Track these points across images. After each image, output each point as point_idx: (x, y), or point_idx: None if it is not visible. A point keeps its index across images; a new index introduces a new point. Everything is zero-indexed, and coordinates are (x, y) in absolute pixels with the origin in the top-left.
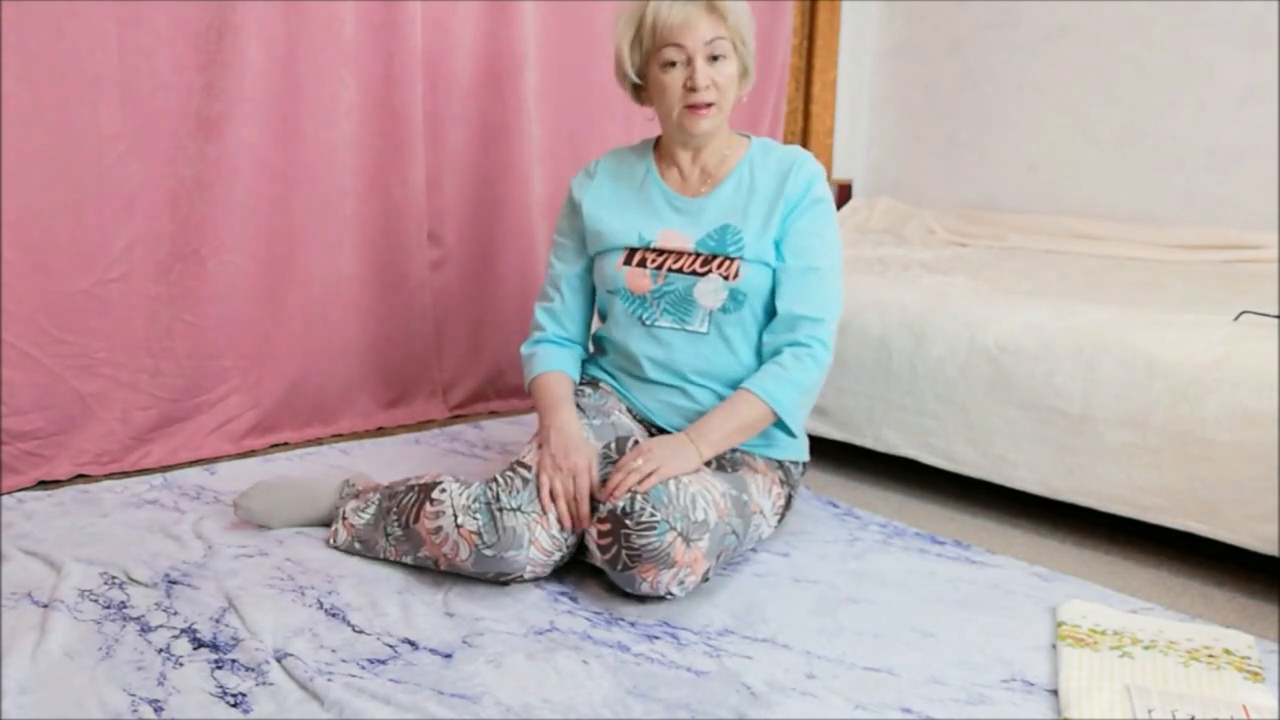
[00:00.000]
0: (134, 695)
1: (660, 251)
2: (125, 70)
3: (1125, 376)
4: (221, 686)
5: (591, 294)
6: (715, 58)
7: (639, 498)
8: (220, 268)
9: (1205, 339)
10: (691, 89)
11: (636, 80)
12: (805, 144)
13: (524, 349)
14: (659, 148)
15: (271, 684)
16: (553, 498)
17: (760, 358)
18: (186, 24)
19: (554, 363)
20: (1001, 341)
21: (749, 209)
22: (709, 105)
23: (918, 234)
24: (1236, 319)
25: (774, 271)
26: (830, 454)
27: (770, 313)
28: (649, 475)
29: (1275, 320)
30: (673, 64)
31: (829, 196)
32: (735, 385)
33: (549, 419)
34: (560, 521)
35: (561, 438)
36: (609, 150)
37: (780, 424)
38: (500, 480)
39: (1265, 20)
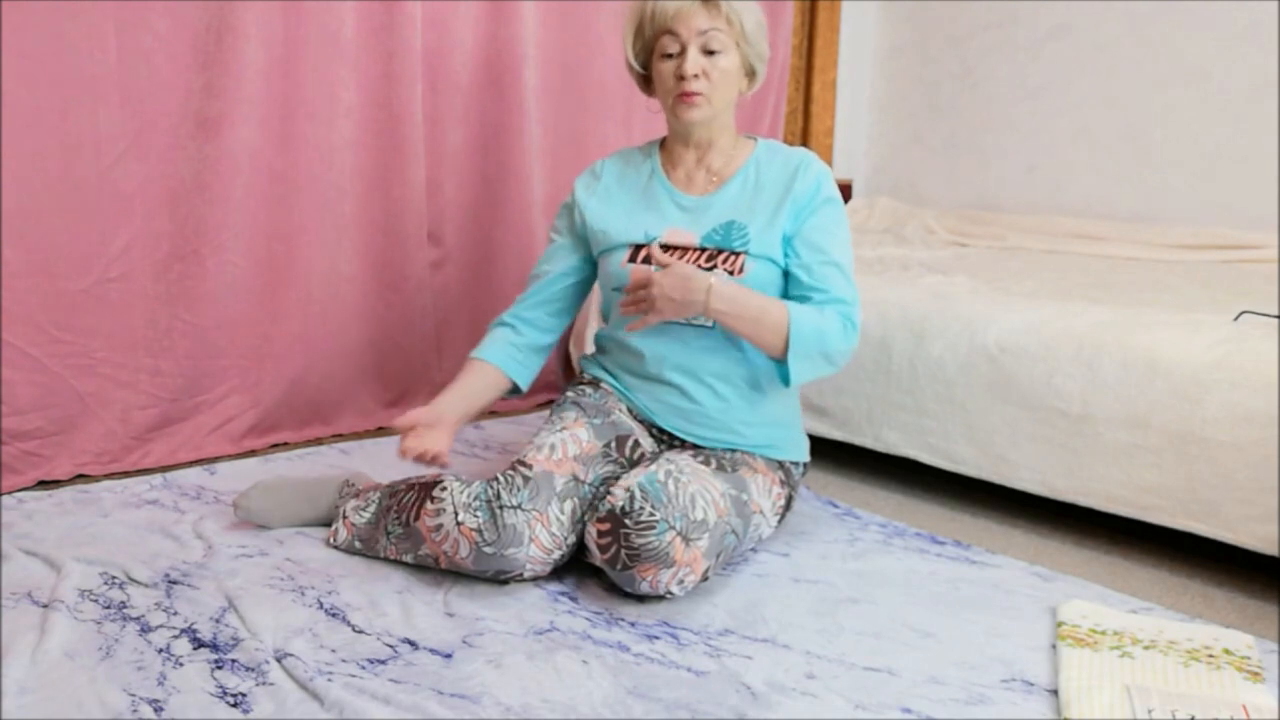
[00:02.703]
0: (134, 695)
1: (665, 248)
2: (124, 70)
3: (1125, 376)
4: (221, 686)
5: (569, 294)
6: (712, 51)
7: (638, 496)
8: (220, 267)
9: (1205, 339)
10: (680, 77)
11: (641, 70)
12: (805, 144)
13: (492, 323)
14: (664, 148)
15: (271, 684)
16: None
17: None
18: (185, 24)
19: (490, 352)
20: (1001, 341)
21: (755, 205)
22: (697, 94)
23: (918, 234)
24: (1236, 319)
25: (781, 270)
26: (830, 454)
27: None
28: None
29: (1275, 320)
30: (669, 54)
31: (839, 197)
32: (739, 382)
33: (442, 395)
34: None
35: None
36: (615, 151)
37: (780, 366)
38: (501, 479)
39: (1265, 20)
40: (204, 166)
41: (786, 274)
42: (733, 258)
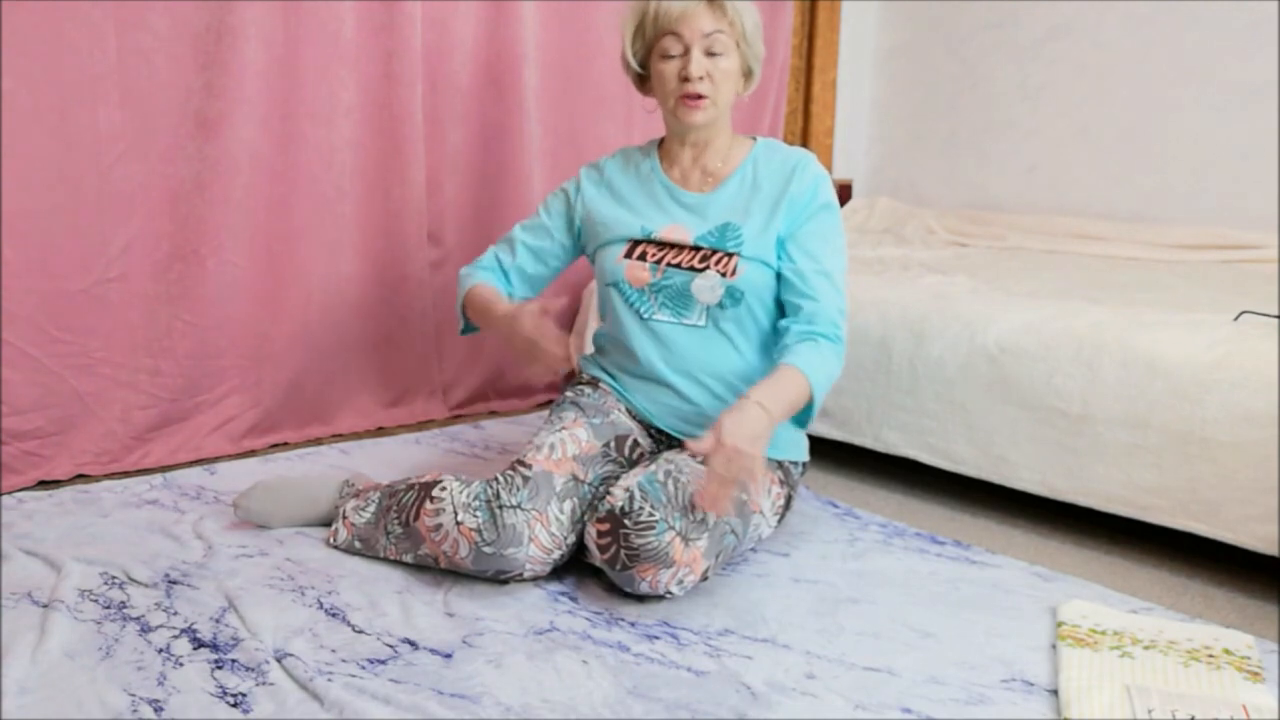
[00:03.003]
0: (134, 695)
1: (660, 245)
2: (124, 70)
3: (1125, 376)
4: (221, 686)
5: (540, 284)
6: (714, 53)
7: (637, 496)
8: (220, 267)
9: (1205, 339)
10: (684, 79)
11: (639, 70)
12: (805, 144)
13: (462, 270)
14: (663, 146)
15: (271, 684)
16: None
17: (764, 356)
18: (185, 24)
19: (485, 280)
20: (1001, 341)
21: (751, 206)
22: (702, 97)
23: (918, 234)
24: (1236, 319)
25: (774, 272)
26: (830, 454)
27: (770, 315)
28: (749, 464)
29: (1275, 320)
30: (671, 55)
31: (836, 202)
32: (736, 381)
33: (492, 311)
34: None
35: (508, 319)
36: (616, 150)
37: (799, 416)
38: (501, 478)
39: (1265, 20)
40: (204, 166)
41: (779, 275)
42: (726, 259)
